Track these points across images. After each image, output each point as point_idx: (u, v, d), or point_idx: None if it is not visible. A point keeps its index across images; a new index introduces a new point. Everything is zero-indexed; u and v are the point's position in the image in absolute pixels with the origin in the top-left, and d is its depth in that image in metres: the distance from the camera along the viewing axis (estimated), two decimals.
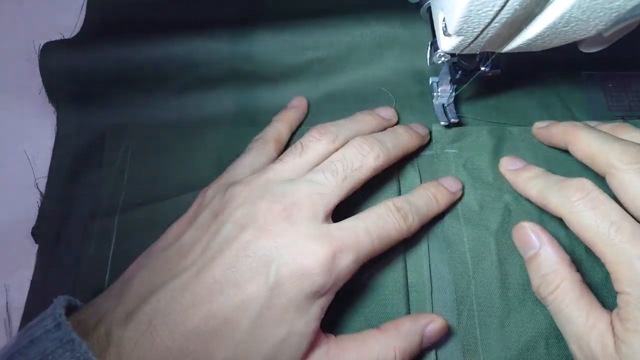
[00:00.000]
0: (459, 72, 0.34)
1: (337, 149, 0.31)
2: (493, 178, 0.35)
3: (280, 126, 0.36)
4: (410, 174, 0.36)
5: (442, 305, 0.32)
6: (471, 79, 0.34)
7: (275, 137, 0.35)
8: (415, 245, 0.34)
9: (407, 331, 0.29)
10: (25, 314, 0.33)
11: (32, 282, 0.35)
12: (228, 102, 0.40)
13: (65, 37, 0.41)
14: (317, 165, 0.30)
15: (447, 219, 0.34)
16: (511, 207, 0.34)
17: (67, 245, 0.35)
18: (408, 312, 0.32)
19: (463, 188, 0.34)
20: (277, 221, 0.27)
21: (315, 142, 0.31)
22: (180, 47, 0.39)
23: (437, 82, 0.37)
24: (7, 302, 0.34)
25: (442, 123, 0.36)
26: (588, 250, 0.31)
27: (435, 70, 0.37)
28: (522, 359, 0.30)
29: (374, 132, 0.34)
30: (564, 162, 0.35)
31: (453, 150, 0.36)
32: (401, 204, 0.30)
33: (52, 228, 0.36)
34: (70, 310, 0.25)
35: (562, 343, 0.30)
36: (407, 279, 0.33)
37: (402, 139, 0.34)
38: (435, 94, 0.37)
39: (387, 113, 0.37)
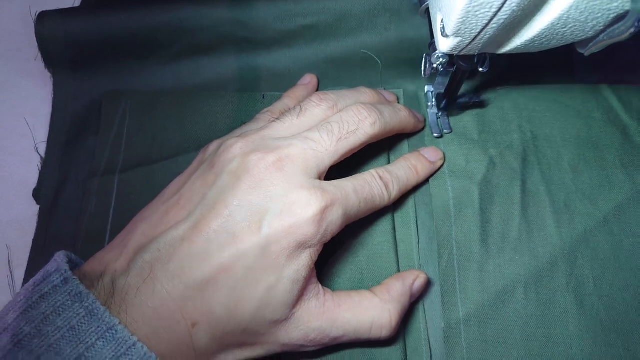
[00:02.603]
0: (444, 101, 0.36)
1: None
2: (478, 135, 0.37)
3: (288, 102, 0.36)
4: (399, 136, 0.37)
5: (428, 254, 0.34)
6: (455, 108, 0.36)
7: (281, 111, 0.35)
8: (403, 199, 0.35)
9: (398, 293, 0.30)
10: (27, 271, 0.35)
11: (34, 240, 0.36)
12: (222, 69, 0.40)
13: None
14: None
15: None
16: (496, 161, 0.36)
17: (66, 205, 0.37)
18: (397, 261, 0.33)
19: (444, 157, 0.36)
20: (271, 171, 0.27)
21: (315, 107, 0.32)
22: (175, 14, 0.39)
23: (432, 92, 0.37)
24: (9, 260, 0.36)
25: (435, 135, 0.37)
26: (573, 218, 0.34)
27: (430, 79, 0.38)
28: (499, 301, 0.32)
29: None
30: (547, 122, 0.37)
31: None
32: (383, 173, 0.32)
33: (52, 189, 0.37)
34: (69, 263, 0.26)
35: (540, 289, 0.32)
36: (395, 230, 0.34)
37: (401, 114, 0.34)
38: (429, 103, 0.38)
39: (390, 96, 0.38)
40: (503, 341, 0.31)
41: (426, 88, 0.38)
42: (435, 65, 0.30)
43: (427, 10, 0.32)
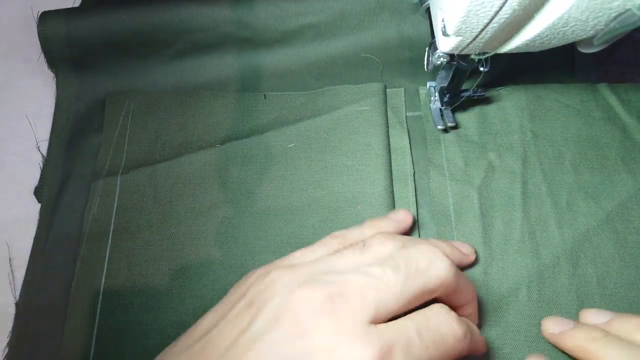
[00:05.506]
0: (447, 95, 0.35)
1: None
2: (478, 136, 0.37)
3: (367, 232, 0.30)
4: (399, 132, 0.38)
5: None
6: (458, 102, 0.35)
7: (355, 240, 0.29)
8: (404, 200, 0.35)
9: None
10: (28, 271, 0.34)
11: (35, 239, 0.36)
12: (223, 68, 0.41)
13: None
14: None
15: (433, 174, 0.36)
16: (495, 164, 0.36)
17: (68, 204, 0.36)
18: None
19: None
20: (317, 315, 0.23)
21: (380, 245, 0.27)
22: (176, 13, 0.39)
23: (434, 87, 0.37)
24: (10, 258, 0.36)
25: (439, 127, 0.37)
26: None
27: (433, 74, 0.38)
28: (503, 304, 0.32)
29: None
30: (547, 122, 0.37)
31: None
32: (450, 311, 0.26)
33: (54, 187, 0.37)
34: None
35: (543, 290, 0.32)
36: None
37: (468, 283, 0.29)
38: (432, 97, 0.38)
39: (466, 248, 0.33)
40: (508, 343, 0.31)
41: (428, 84, 0.38)
42: (437, 64, 0.30)
43: (428, 10, 0.32)
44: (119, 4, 0.39)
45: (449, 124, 0.37)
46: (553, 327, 0.30)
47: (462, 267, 0.32)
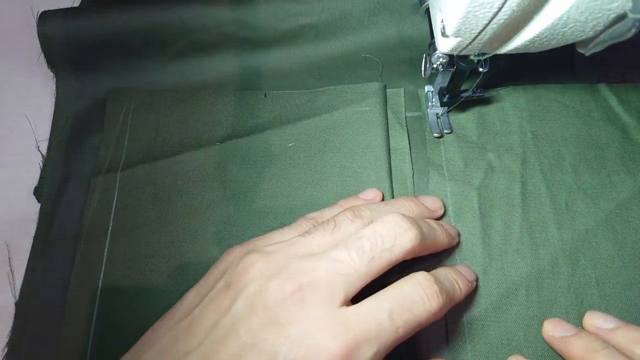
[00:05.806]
0: (446, 96, 0.35)
1: None
2: (477, 137, 0.37)
3: (337, 212, 0.31)
4: (399, 133, 0.37)
5: (428, 255, 0.33)
6: (457, 102, 0.35)
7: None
8: None
9: None
10: (27, 270, 0.35)
11: (35, 239, 0.36)
12: (223, 68, 0.41)
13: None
14: None
15: (433, 175, 0.36)
16: (494, 165, 0.36)
17: (68, 203, 0.37)
18: None
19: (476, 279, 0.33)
20: (288, 305, 0.24)
21: (349, 223, 0.28)
22: (177, 13, 0.39)
23: (432, 92, 0.37)
24: (9, 258, 0.36)
25: (435, 135, 0.37)
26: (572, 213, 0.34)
27: (430, 79, 0.38)
28: (502, 304, 0.32)
29: None
30: (547, 122, 0.37)
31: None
32: (431, 278, 0.27)
33: (54, 187, 0.37)
34: None
35: (542, 290, 0.32)
36: None
37: (436, 232, 0.31)
38: (430, 103, 0.38)
39: (434, 203, 0.34)
40: (507, 343, 0.31)
41: (426, 88, 0.38)
42: (435, 66, 0.30)
43: (427, 10, 0.32)
44: (119, 4, 0.39)
45: (445, 131, 0.37)
46: (554, 330, 0.30)
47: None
